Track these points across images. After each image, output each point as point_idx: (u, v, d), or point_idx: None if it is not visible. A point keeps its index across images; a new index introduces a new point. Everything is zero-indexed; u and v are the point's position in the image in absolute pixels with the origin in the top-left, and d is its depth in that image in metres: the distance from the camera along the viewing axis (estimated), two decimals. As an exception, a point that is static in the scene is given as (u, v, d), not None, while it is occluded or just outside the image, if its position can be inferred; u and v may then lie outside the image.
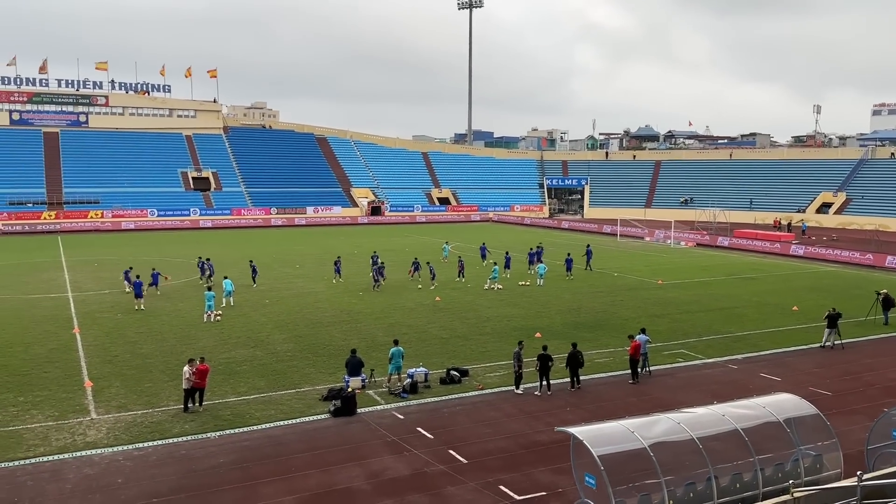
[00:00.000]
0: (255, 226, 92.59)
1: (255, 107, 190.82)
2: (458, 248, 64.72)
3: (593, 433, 13.35)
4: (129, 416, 21.23)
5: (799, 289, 44.45)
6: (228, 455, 18.48)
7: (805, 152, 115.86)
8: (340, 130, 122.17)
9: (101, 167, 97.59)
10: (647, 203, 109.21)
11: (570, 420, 20.99)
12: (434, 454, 18.57)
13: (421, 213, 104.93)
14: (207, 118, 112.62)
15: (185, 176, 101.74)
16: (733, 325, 33.95)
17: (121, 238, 76.25)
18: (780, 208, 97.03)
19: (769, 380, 25.42)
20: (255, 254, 59.29)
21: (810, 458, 14.82)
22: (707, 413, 14.67)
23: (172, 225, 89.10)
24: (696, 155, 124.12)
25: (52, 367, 26.19)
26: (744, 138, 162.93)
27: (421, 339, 30.70)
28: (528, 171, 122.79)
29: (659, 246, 70.14)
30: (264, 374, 25.36)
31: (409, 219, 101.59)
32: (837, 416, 21.66)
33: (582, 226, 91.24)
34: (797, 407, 15.27)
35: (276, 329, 32.32)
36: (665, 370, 26.59)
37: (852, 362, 27.90)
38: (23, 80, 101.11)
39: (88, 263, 54.36)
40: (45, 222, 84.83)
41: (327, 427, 20.62)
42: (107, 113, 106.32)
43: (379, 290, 42.00)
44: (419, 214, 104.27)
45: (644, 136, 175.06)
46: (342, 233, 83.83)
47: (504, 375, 25.23)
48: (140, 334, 31.25)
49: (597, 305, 38.32)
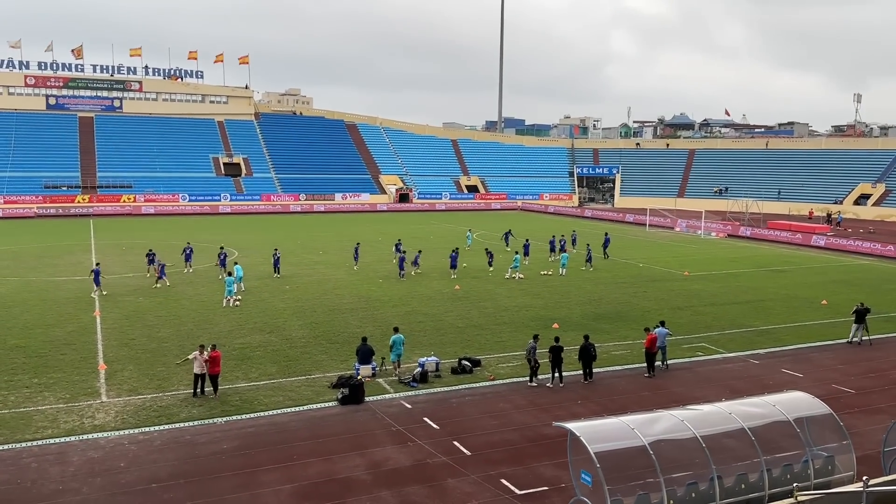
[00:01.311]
0: (284, 211, 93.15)
1: (289, 93, 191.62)
2: (483, 236, 64.31)
3: (591, 429, 12.96)
4: (139, 399, 21.33)
5: (830, 282, 43.24)
6: (232, 441, 18.44)
7: (844, 142, 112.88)
8: (370, 117, 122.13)
9: (134, 152, 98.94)
10: (680, 193, 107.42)
11: (579, 413, 20.56)
12: (438, 445, 18.32)
13: (449, 201, 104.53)
14: (239, 104, 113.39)
15: (217, 161, 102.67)
16: (758, 318, 33.09)
17: (151, 222, 77.27)
18: (816, 199, 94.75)
19: (790, 375, 24.68)
20: (280, 240, 59.72)
21: (821, 460, 14.24)
22: (713, 410, 14.16)
23: (203, 210, 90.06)
24: (731, 144, 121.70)
25: (70, 349, 26.48)
26: (781, 127, 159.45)
27: (437, 327, 30.45)
28: (558, 159, 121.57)
29: (688, 236, 68.89)
30: (276, 361, 25.34)
31: (429, 206, 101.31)
32: (859, 414, 21.01)
33: (603, 214, 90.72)
34: (809, 406, 14.67)
35: (293, 315, 32.32)
36: (683, 364, 25.98)
37: (879, 359, 26.98)
38: (59, 66, 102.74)
39: (117, 247, 55.09)
40: (78, 205, 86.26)
41: (334, 415, 20.48)
42: (140, 98, 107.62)
43: (405, 278, 41.65)
44: (446, 202, 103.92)
45: (679, 124, 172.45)
46: (368, 219, 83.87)
47: (517, 366, 24.87)
48: (159, 318, 31.49)
49: (619, 296, 37.68)
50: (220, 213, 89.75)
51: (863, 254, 56.96)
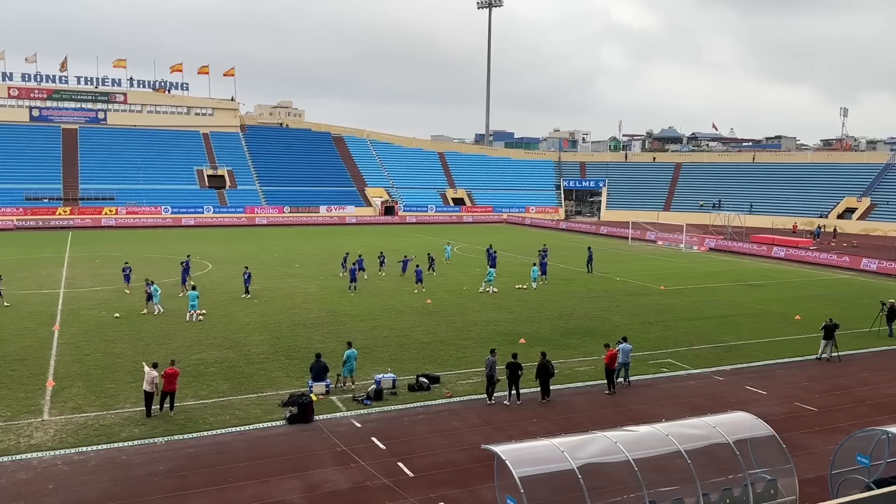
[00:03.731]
0: (267, 224, 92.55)
1: (281, 105, 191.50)
2: (463, 249, 63.87)
3: (518, 452, 12.47)
4: (82, 418, 20.74)
5: (806, 297, 42.91)
6: (169, 462, 17.86)
7: (830, 156, 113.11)
8: (357, 129, 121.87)
9: (117, 164, 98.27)
10: (666, 206, 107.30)
11: (534, 433, 20.10)
12: (381, 466, 17.78)
13: (434, 214, 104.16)
14: (225, 116, 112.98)
15: (201, 174, 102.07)
16: (729, 334, 32.69)
17: (131, 234, 76.60)
18: (802, 213, 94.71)
19: (753, 393, 24.26)
20: (258, 252, 59.25)
21: (763, 483, 13.77)
22: (649, 432, 13.68)
23: (185, 223, 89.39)
24: (717, 158, 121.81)
25: (21, 365, 25.86)
26: (769, 141, 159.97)
27: (400, 343, 29.92)
28: (545, 172, 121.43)
29: (670, 250, 68.59)
30: (230, 377, 24.76)
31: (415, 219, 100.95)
32: (819, 434, 20.59)
33: (579, 227, 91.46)
34: (751, 427, 14.20)
35: (255, 330, 31.75)
36: (646, 381, 25.52)
37: (847, 376, 26.58)
38: (43, 77, 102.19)
39: (90, 260, 54.42)
40: (59, 218, 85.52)
41: (279, 435, 19.92)
42: (125, 110, 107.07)
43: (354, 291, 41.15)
44: (431, 215, 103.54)
45: (667, 137, 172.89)
46: (351, 232, 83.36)
47: (476, 383, 24.38)
48: (118, 333, 30.87)
49: (591, 311, 37.24)
50: (202, 226, 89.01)
51: (843, 268, 56.70)
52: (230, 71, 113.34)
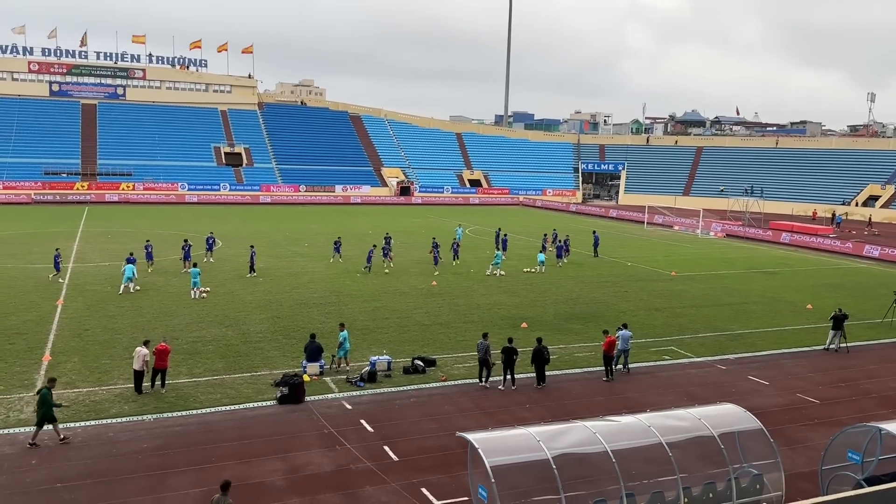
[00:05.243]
0: (282, 202, 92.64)
1: (302, 84, 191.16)
2: (476, 231, 63.45)
3: (492, 441, 12.17)
4: (73, 393, 20.75)
5: (821, 286, 42.06)
6: (154, 440, 17.80)
7: (856, 142, 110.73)
8: (374, 109, 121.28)
9: (135, 140, 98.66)
10: (686, 191, 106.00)
11: (525, 419, 19.81)
12: (366, 450, 17.58)
13: (449, 195, 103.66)
14: (243, 93, 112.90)
15: (218, 151, 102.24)
16: (737, 322, 32.09)
17: (146, 210, 76.99)
18: (824, 200, 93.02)
19: (755, 383, 23.75)
20: (271, 231, 59.36)
21: (749, 478, 13.36)
22: (631, 423, 13.30)
23: (201, 199, 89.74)
24: (739, 142, 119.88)
25: (20, 338, 25.96)
26: (794, 126, 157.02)
27: (401, 325, 29.69)
28: (563, 154, 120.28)
29: (686, 236, 67.67)
30: (226, 356, 24.68)
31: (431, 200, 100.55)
32: (818, 426, 20.09)
33: (588, 210, 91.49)
34: (738, 420, 13.78)
35: (257, 308, 31.67)
36: (646, 368, 25.09)
37: (854, 368, 25.96)
38: (63, 52, 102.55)
39: (102, 235, 54.73)
40: (76, 192, 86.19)
41: (268, 415, 19.80)
42: (144, 86, 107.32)
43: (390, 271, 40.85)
44: (447, 196, 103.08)
45: (690, 121, 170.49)
46: (366, 212, 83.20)
47: (473, 367, 24.01)
48: (120, 308, 30.94)
49: (597, 296, 36.74)
50: (218, 203, 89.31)
51: (862, 257, 55.57)
52: (248, 48, 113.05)
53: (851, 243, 58.15)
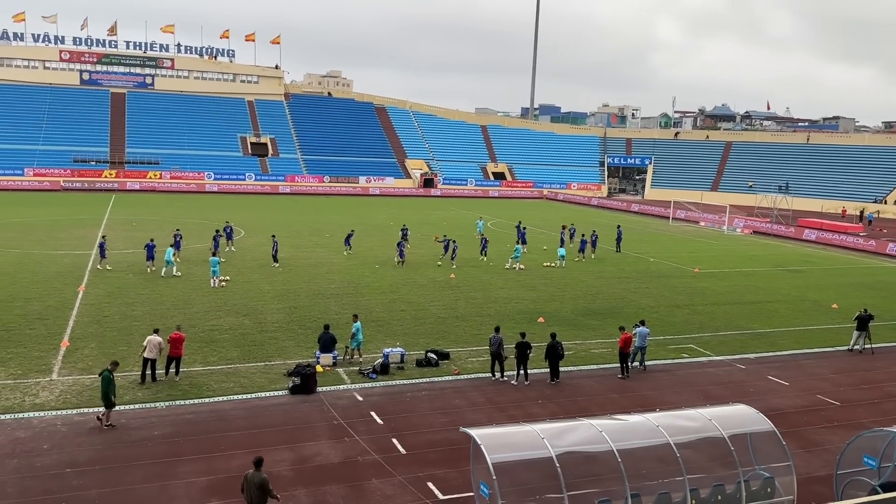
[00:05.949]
0: (306, 192, 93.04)
1: (329, 75, 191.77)
2: (497, 224, 63.16)
3: (496, 437, 12.00)
4: (89, 379, 20.92)
5: (848, 285, 41.19)
6: (165, 427, 17.89)
7: (890, 139, 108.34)
8: (400, 100, 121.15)
9: (163, 129, 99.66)
10: (714, 186, 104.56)
11: (537, 414, 19.60)
12: (374, 442, 17.52)
13: (473, 188, 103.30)
14: (270, 84, 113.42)
15: (244, 141, 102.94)
16: (759, 321, 31.51)
17: (172, 199, 77.74)
18: (855, 197, 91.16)
19: (775, 383, 23.29)
20: (293, 221, 59.57)
21: (759, 481, 13.05)
22: (639, 422, 13.05)
23: (226, 189, 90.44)
24: (770, 137, 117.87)
25: (41, 324, 26.30)
26: (826, 121, 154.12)
27: (416, 317, 29.60)
28: (590, 148, 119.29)
29: (712, 232, 66.74)
30: (241, 345, 24.78)
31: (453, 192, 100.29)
32: (837, 429, 19.63)
33: (610, 204, 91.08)
34: (751, 421, 13.44)
35: (275, 298, 31.77)
36: (664, 366, 24.73)
37: (877, 370, 25.35)
38: (93, 42, 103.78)
39: (128, 223, 55.34)
40: (104, 180, 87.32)
41: (279, 405, 19.82)
42: (172, 76, 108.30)
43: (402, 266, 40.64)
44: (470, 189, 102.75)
45: (720, 115, 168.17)
46: (388, 203, 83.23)
47: (486, 361, 23.83)
48: (140, 296, 31.22)
49: (617, 292, 36.33)
50: (243, 193, 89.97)
51: (889, 255, 54.36)
52: (276, 39, 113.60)
53: (875, 241, 56.92)
